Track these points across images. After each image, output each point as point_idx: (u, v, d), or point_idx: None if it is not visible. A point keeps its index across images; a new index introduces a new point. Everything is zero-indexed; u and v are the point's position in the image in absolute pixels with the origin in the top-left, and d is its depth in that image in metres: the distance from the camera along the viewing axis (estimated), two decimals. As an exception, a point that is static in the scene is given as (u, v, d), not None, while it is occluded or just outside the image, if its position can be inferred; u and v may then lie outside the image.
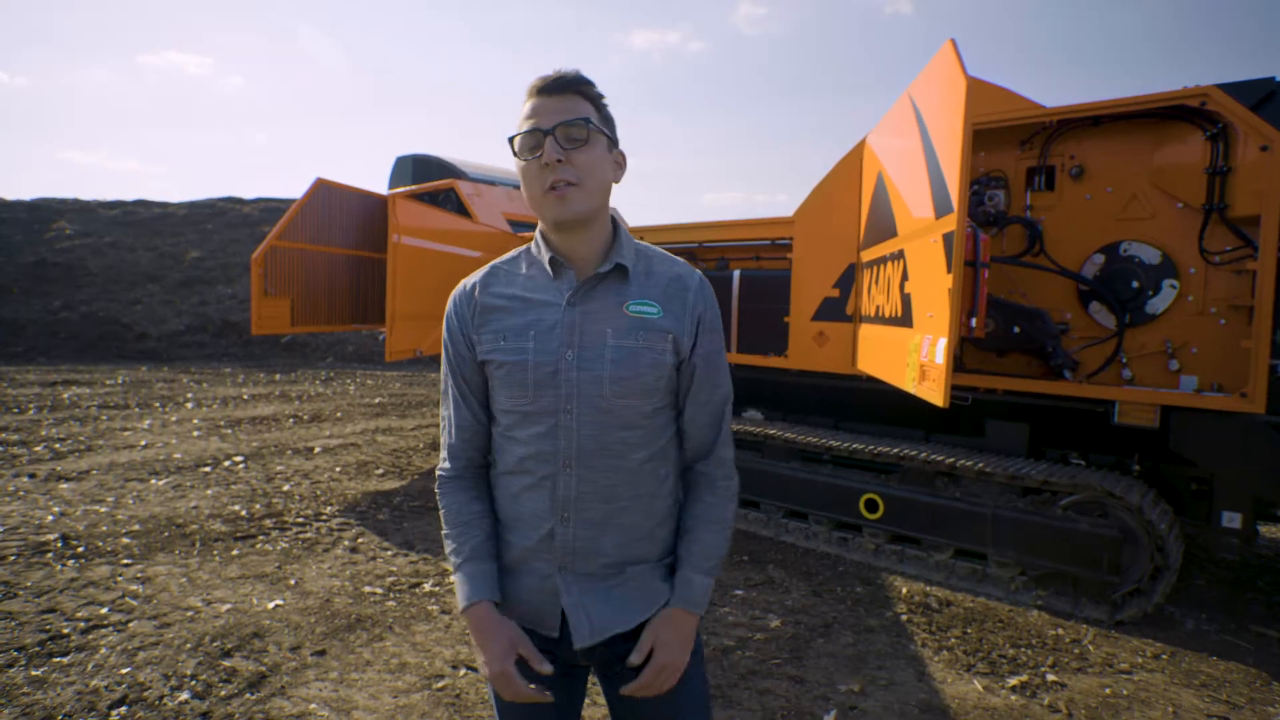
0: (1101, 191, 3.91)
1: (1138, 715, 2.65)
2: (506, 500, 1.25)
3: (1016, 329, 3.99)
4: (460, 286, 1.29)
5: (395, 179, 8.43)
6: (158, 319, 15.50)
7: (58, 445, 6.62)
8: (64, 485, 5.33)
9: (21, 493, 5.09)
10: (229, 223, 19.24)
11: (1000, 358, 4.23)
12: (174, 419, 8.22)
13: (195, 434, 7.42)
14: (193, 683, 2.67)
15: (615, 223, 1.26)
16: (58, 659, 2.80)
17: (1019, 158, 4.16)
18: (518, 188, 7.98)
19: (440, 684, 2.75)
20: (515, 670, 1.15)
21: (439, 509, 1.28)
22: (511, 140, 1.18)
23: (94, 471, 5.74)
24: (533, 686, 1.16)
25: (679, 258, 1.31)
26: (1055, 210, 4.05)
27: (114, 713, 2.46)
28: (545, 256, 1.22)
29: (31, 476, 5.53)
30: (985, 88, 4.11)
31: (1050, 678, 2.92)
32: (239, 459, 6.35)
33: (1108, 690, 2.83)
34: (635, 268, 1.24)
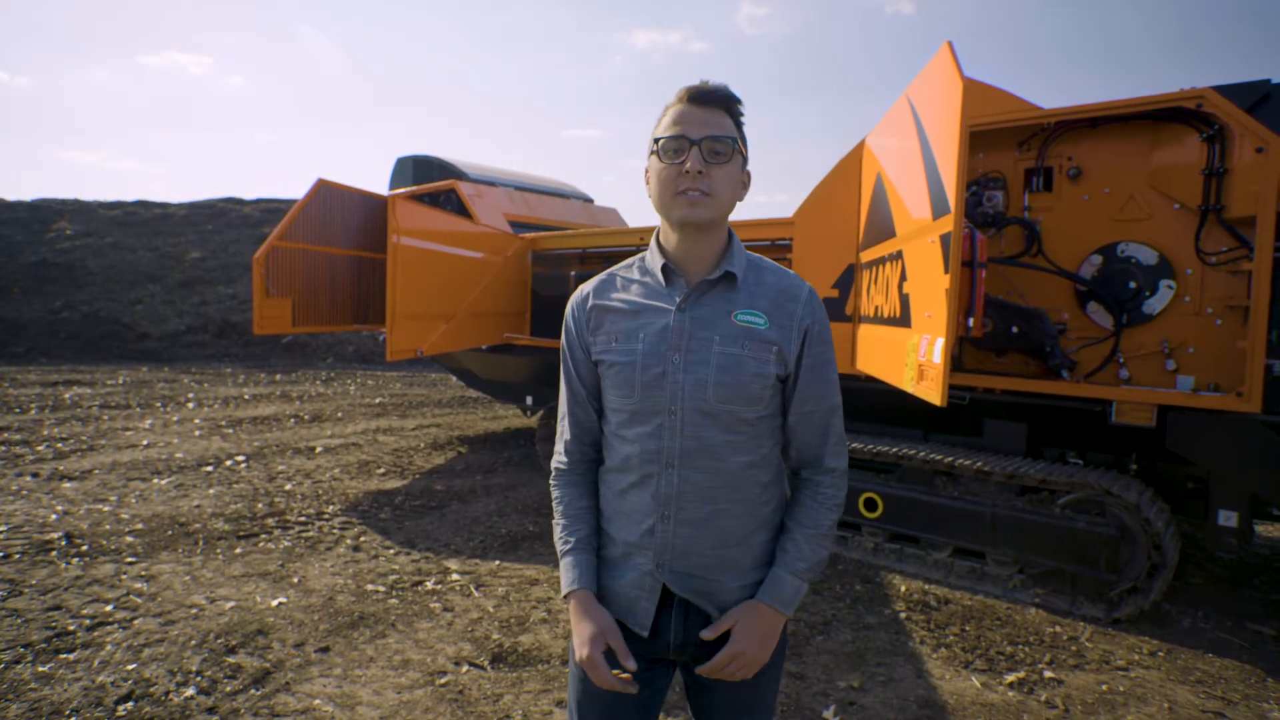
0: (1099, 192, 3.94)
1: (1134, 711, 2.68)
2: (612, 496, 1.31)
3: (1015, 329, 4.02)
4: (578, 292, 1.36)
5: (396, 180, 8.45)
6: (158, 319, 15.52)
7: (60, 445, 6.65)
8: (67, 484, 5.36)
9: (25, 492, 5.12)
10: (229, 223, 19.26)
11: (999, 357, 4.25)
12: (175, 419, 8.24)
13: (197, 434, 7.44)
14: (198, 679, 2.70)
15: (730, 235, 1.29)
16: (64, 655, 2.83)
17: (1017, 159, 4.19)
18: (519, 189, 8.00)
19: (443, 680, 2.77)
20: (602, 658, 1.19)
21: (553, 500, 1.35)
22: (656, 141, 1.22)
23: (96, 471, 5.76)
24: (618, 673, 1.19)
25: (791, 270, 1.33)
26: (1053, 211, 4.08)
27: (120, 708, 2.48)
28: (659, 263, 1.27)
29: (34, 476, 5.55)
30: (983, 89, 4.14)
31: (1047, 674, 2.95)
32: (241, 458, 6.38)
33: (1104, 687, 2.86)
34: (745, 277, 1.27)
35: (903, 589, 3.86)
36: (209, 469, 5.98)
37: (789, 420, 1.30)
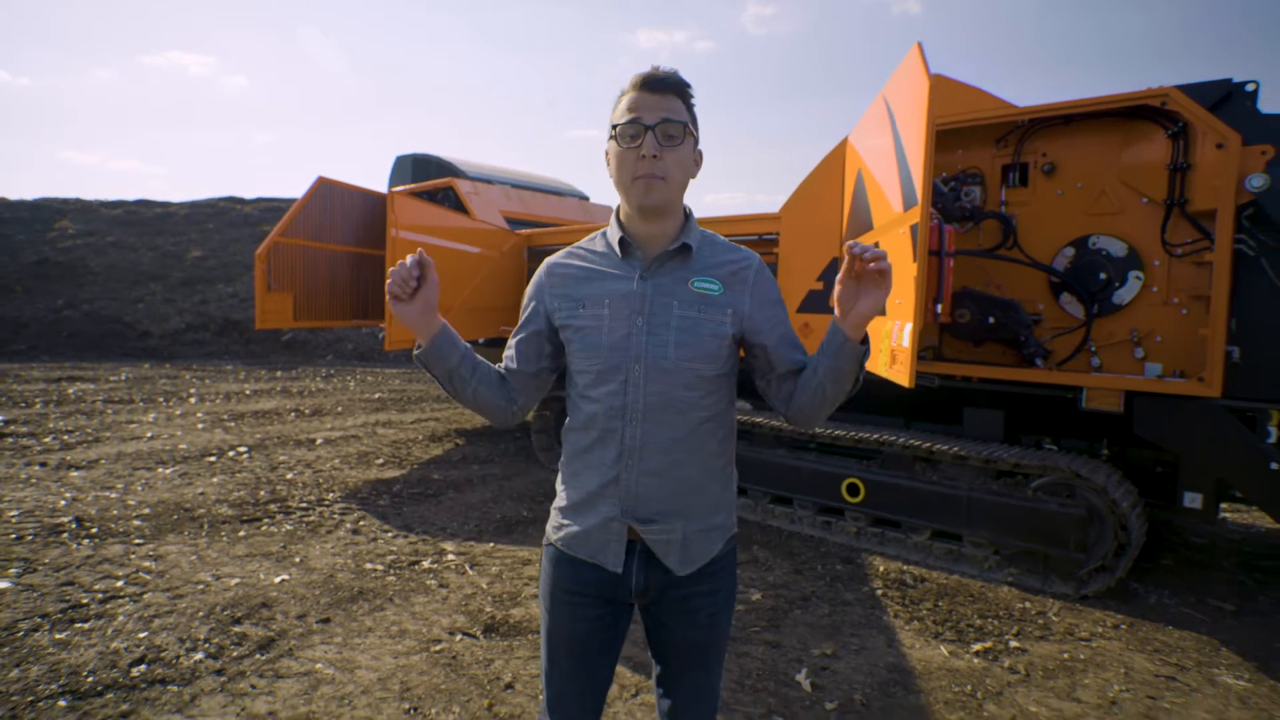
0: (1072, 187, 4.09)
1: (1091, 676, 2.83)
2: (577, 453, 1.43)
3: (991, 319, 4.17)
4: (546, 262, 1.49)
5: (395, 178, 8.61)
6: (159, 317, 15.66)
7: (66, 437, 6.79)
8: (74, 473, 5.51)
9: (34, 480, 5.27)
10: (230, 222, 19.41)
11: (977, 347, 4.40)
12: (178, 413, 8.39)
13: (199, 426, 7.59)
14: (206, 645, 2.85)
15: (687, 213, 1.43)
16: (79, 625, 2.98)
17: (995, 155, 4.34)
18: (515, 186, 8.15)
19: (438, 647, 2.93)
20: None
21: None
22: (613, 127, 1.33)
23: (102, 461, 5.91)
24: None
25: (741, 245, 1.47)
26: (1029, 205, 4.23)
27: (134, 670, 2.63)
28: (617, 237, 1.40)
29: (43, 465, 5.70)
30: (961, 88, 4.29)
31: (1013, 644, 3.10)
32: (243, 449, 6.53)
33: (1066, 655, 3.01)
34: (700, 249, 1.40)
35: (882, 569, 4.01)
36: (212, 459, 6.13)
37: (768, 346, 1.40)
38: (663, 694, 1.49)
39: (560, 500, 1.48)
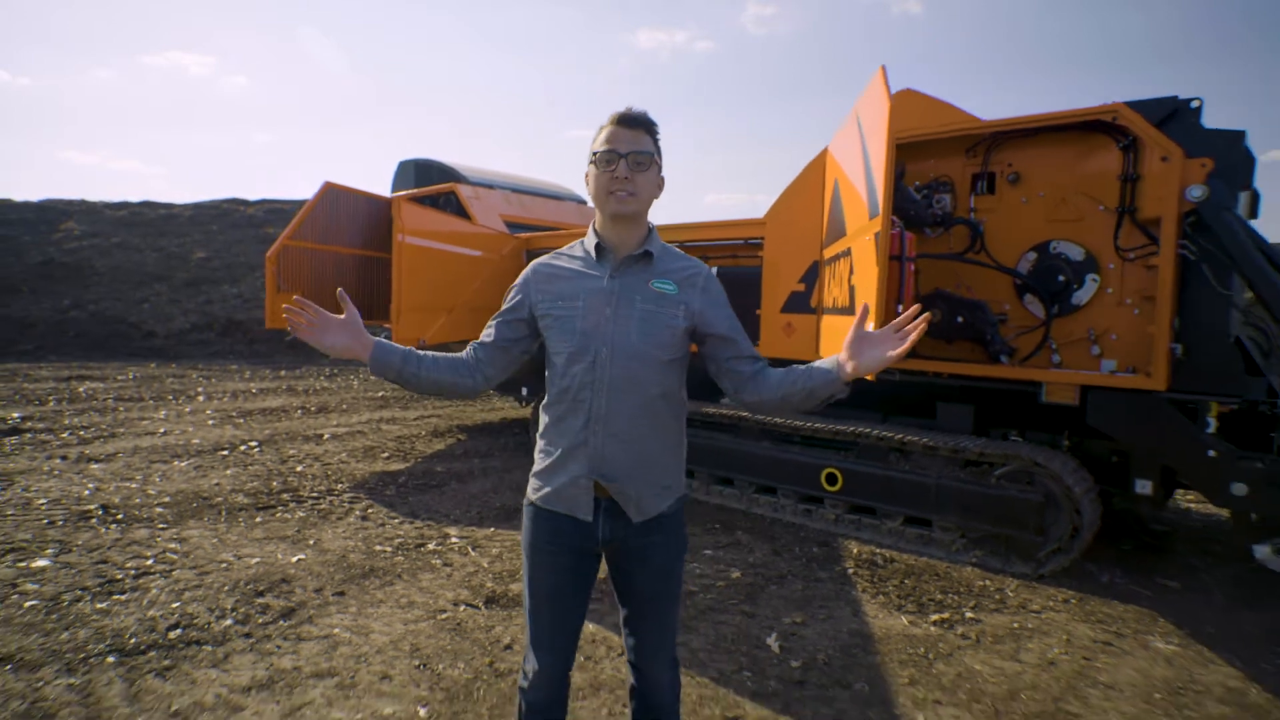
0: (1035, 195, 4.39)
1: (1035, 641, 3.13)
2: (552, 423, 1.72)
3: (960, 319, 4.46)
4: (535, 261, 1.80)
5: (398, 182, 8.90)
6: (164, 318, 15.93)
7: (82, 432, 7.07)
8: (94, 466, 5.79)
9: (57, 472, 5.55)
10: (234, 224, 19.69)
11: (948, 345, 4.69)
12: (188, 410, 8.67)
13: (210, 423, 7.87)
14: (234, 613, 3.14)
15: (650, 226, 1.75)
16: (116, 597, 3.27)
17: (964, 164, 4.64)
18: (515, 191, 8.45)
19: (444, 616, 3.22)
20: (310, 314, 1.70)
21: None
22: (594, 154, 1.65)
23: (120, 455, 6.20)
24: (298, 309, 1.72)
25: (693, 257, 1.79)
26: (995, 212, 4.53)
27: (171, 633, 2.93)
28: (593, 243, 1.71)
29: (63, 458, 5.98)
30: (931, 103, 4.59)
31: (969, 615, 3.39)
32: (254, 444, 6.81)
33: (1016, 624, 3.30)
34: (660, 257, 1.72)
35: (855, 551, 4.30)
36: (224, 453, 6.41)
37: (720, 336, 1.70)
38: (629, 633, 1.79)
39: (537, 466, 1.76)
